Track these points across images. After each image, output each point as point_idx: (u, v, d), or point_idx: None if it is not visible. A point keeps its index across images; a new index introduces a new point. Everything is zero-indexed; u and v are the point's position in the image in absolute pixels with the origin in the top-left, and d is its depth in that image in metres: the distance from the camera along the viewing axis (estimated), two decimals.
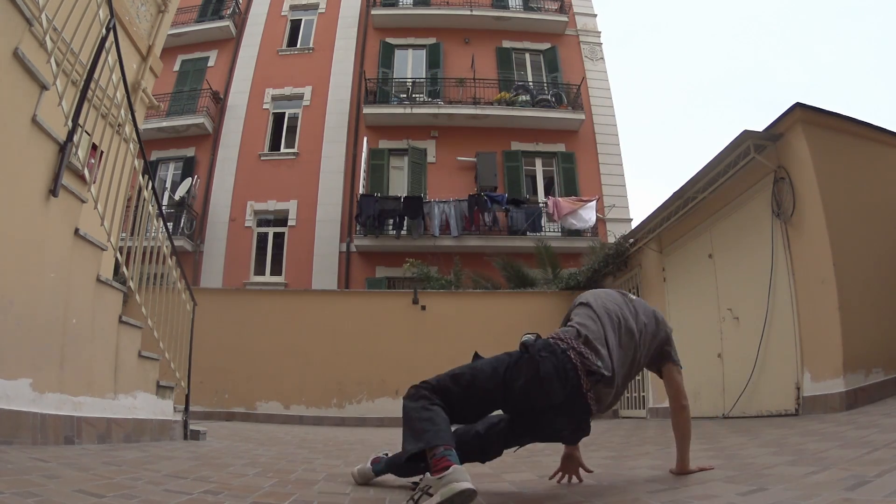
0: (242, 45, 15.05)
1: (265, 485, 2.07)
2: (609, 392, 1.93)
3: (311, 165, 13.64)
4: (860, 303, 4.39)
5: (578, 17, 15.59)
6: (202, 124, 13.68)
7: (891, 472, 1.69)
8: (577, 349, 1.88)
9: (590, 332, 1.94)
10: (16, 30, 2.44)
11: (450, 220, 12.07)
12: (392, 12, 15.15)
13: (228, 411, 8.66)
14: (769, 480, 1.84)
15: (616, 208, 13.14)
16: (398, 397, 8.83)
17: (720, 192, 5.96)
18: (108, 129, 3.34)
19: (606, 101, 14.59)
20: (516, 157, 13.61)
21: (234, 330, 8.98)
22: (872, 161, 5.01)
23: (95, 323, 3.13)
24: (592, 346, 1.91)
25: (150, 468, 2.26)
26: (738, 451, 2.77)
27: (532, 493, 2.00)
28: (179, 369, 4.33)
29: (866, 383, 4.22)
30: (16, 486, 1.53)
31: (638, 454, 3.23)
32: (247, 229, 13.22)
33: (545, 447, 3.93)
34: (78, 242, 2.95)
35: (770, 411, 4.97)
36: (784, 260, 5.00)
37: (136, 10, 5.41)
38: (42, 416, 2.50)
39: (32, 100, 2.54)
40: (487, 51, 14.82)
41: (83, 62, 2.94)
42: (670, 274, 7.36)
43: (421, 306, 9.38)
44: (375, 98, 13.88)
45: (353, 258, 12.74)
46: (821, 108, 4.86)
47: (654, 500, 1.71)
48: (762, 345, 5.15)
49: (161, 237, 4.04)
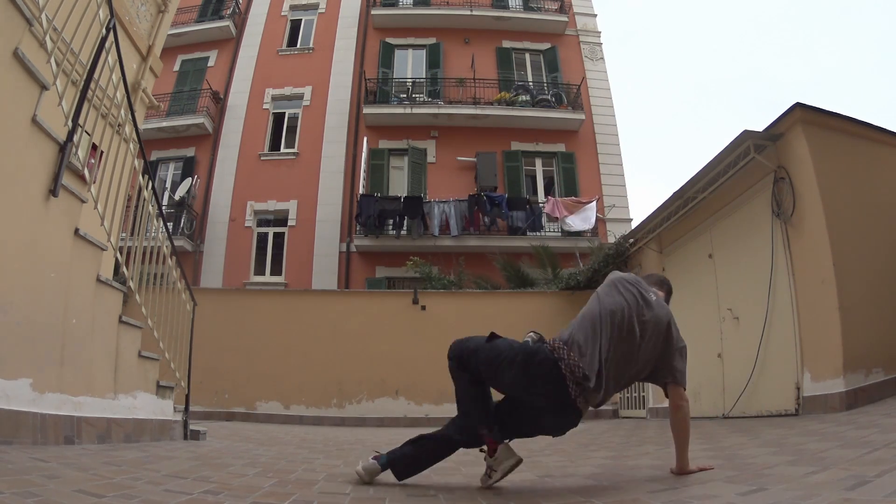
0: (242, 45, 15.05)
1: (265, 485, 2.07)
2: (597, 395, 2.06)
3: (311, 165, 13.63)
4: (860, 303, 4.39)
5: (578, 17, 15.58)
6: (202, 124, 13.68)
7: (891, 472, 1.69)
8: (567, 361, 2.03)
9: (580, 344, 2.07)
10: (16, 30, 2.44)
11: (450, 220, 12.07)
12: (392, 12, 15.15)
13: (228, 411, 8.66)
14: (769, 480, 1.84)
15: (616, 208, 13.13)
16: (398, 397, 8.89)
17: (720, 192, 5.96)
18: (108, 129, 3.34)
19: (606, 101, 14.58)
20: (516, 157, 13.61)
21: (234, 330, 8.97)
22: (872, 161, 5.01)
23: (95, 323, 3.13)
24: (583, 355, 2.04)
25: (150, 468, 2.26)
26: (738, 451, 2.77)
27: (532, 493, 2.00)
28: (179, 369, 4.33)
29: (866, 383, 4.22)
30: (16, 486, 1.53)
31: (638, 454, 3.23)
32: (247, 229, 13.21)
33: (545, 447, 3.93)
34: (78, 242, 2.95)
35: (770, 411, 4.97)
36: (784, 260, 5.00)
37: (136, 10, 5.41)
38: (42, 416, 2.50)
39: (32, 100, 2.54)
40: (487, 51, 14.82)
41: (83, 62, 2.94)
42: (670, 274, 7.35)
43: (421, 306, 9.38)
44: (375, 98, 13.88)
45: (353, 258, 12.74)
46: (821, 108, 4.86)
47: (654, 500, 1.71)
48: (762, 345, 5.15)
49: (161, 237, 4.03)
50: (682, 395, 2.17)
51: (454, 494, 2.00)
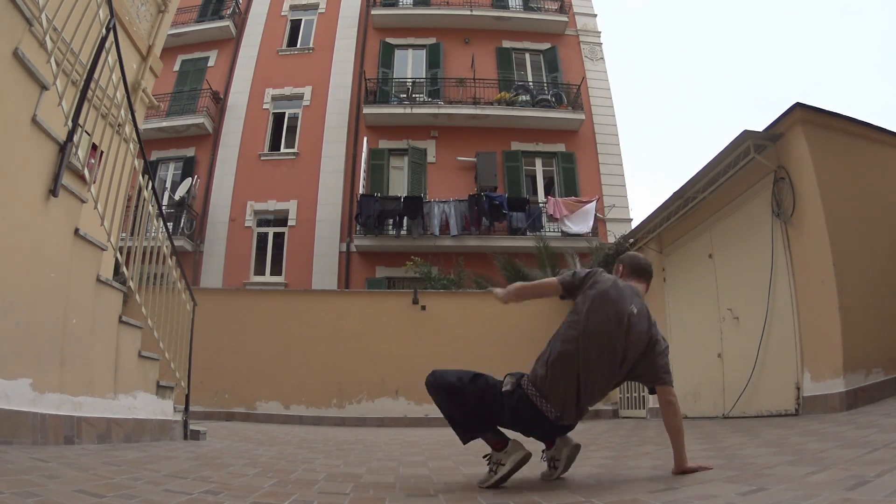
0: (242, 45, 15.05)
1: (265, 485, 2.07)
2: (580, 414, 2.19)
3: (311, 165, 13.64)
4: (860, 303, 4.39)
5: (578, 17, 15.58)
6: (202, 124, 13.68)
7: (891, 472, 1.69)
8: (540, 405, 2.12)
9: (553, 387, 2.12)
10: (16, 30, 2.44)
11: (449, 219, 12.07)
12: (392, 12, 15.15)
13: (228, 411, 8.66)
14: (769, 480, 1.84)
15: (616, 208, 13.13)
16: (398, 397, 8.88)
17: (720, 192, 5.96)
18: (108, 129, 3.34)
19: (606, 101, 14.58)
20: (516, 157, 13.61)
21: (234, 330, 8.97)
22: (872, 161, 5.01)
23: (95, 323, 3.13)
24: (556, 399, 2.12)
25: (150, 468, 2.26)
26: (738, 451, 2.77)
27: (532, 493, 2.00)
28: (179, 369, 4.33)
29: (866, 383, 4.22)
30: (16, 486, 1.53)
31: (638, 454, 3.23)
32: (247, 229, 13.22)
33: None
34: (78, 242, 2.95)
35: (770, 411, 4.97)
36: (784, 260, 5.00)
37: (136, 10, 5.41)
38: (42, 416, 2.50)
39: (32, 100, 2.54)
40: (487, 51, 14.82)
41: (83, 62, 2.94)
42: (670, 274, 7.37)
43: (421, 306, 9.38)
44: (375, 98, 13.88)
45: (353, 258, 12.74)
46: (821, 108, 4.86)
47: (654, 500, 1.71)
48: (762, 345, 5.15)
49: (161, 237, 4.03)
50: (671, 392, 2.17)
51: (454, 495, 2.00)
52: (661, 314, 7.44)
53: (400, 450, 4.08)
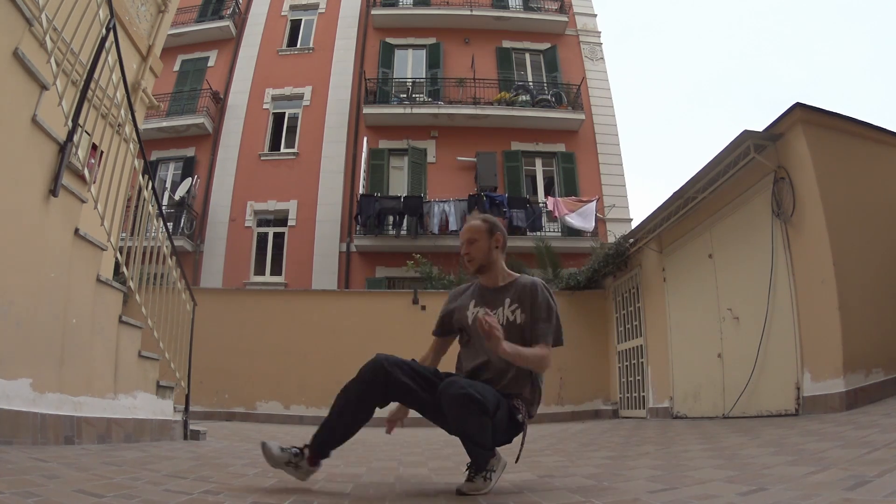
0: (242, 45, 15.04)
1: (265, 485, 2.07)
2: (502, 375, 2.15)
3: (311, 165, 13.63)
4: (860, 303, 4.39)
5: (578, 17, 15.58)
6: (202, 124, 13.67)
7: (891, 472, 1.69)
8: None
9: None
10: (16, 30, 2.44)
11: (449, 219, 12.07)
12: (392, 12, 15.15)
13: (228, 411, 8.66)
14: (769, 480, 1.84)
15: (616, 208, 13.13)
16: None
17: (720, 193, 5.96)
18: (108, 129, 3.34)
19: (606, 101, 14.58)
20: (516, 157, 13.60)
21: (234, 330, 8.97)
22: (872, 161, 5.01)
23: (95, 323, 3.13)
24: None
25: (150, 468, 2.26)
26: (738, 451, 2.77)
27: (532, 493, 2.00)
28: (179, 369, 4.33)
29: (866, 383, 4.23)
30: (16, 486, 1.53)
31: (638, 454, 3.23)
32: (247, 229, 13.21)
33: (546, 447, 3.93)
34: (78, 242, 2.95)
35: (770, 411, 4.97)
36: (784, 260, 5.00)
37: (136, 10, 5.41)
38: (42, 416, 2.50)
39: (32, 100, 2.54)
40: (487, 51, 14.81)
41: (83, 62, 2.94)
42: (670, 274, 7.36)
43: (421, 306, 9.37)
44: (375, 98, 13.87)
45: (353, 258, 12.73)
46: (821, 107, 4.86)
47: (654, 500, 1.71)
48: (762, 345, 5.15)
49: (161, 237, 4.04)
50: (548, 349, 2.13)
51: (454, 495, 1.99)
52: (662, 314, 7.44)
53: (400, 450, 4.08)
